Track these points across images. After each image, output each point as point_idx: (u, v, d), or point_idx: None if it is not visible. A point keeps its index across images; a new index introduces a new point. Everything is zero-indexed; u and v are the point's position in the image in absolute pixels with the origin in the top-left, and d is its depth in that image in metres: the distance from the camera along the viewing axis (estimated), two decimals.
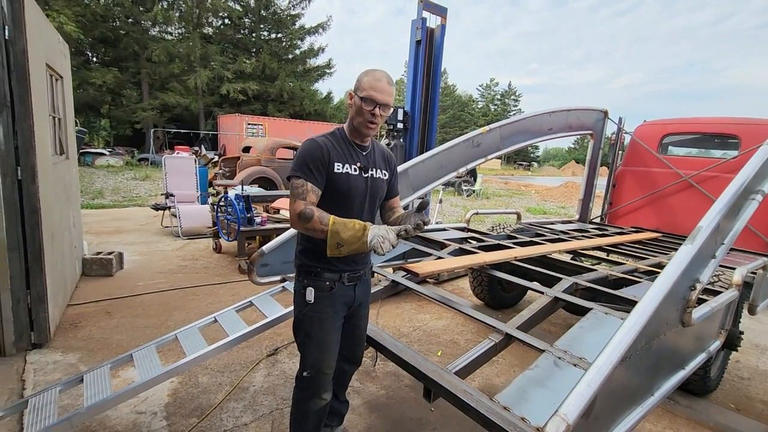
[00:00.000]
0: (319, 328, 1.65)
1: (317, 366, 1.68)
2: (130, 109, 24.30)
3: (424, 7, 4.36)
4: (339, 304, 1.68)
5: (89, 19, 21.25)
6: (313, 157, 1.53)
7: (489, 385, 2.82)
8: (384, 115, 1.58)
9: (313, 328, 1.66)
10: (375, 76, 1.54)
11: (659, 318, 1.48)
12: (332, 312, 1.66)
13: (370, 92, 1.52)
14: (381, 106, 1.54)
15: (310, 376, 1.69)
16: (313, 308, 1.63)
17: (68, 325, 3.32)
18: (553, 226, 4.63)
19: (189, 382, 2.63)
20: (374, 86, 1.52)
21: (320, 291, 1.63)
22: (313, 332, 1.66)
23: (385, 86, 1.53)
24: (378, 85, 1.52)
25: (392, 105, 1.60)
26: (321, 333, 1.66)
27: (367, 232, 1.46)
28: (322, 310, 1.64)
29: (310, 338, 1.67)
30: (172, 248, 5.91)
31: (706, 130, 4.76)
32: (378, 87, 1.52)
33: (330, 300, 1.65)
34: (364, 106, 1.53)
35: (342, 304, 1.69)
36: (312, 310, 1.64)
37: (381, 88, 1.52)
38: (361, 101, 1.53)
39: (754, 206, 2.09)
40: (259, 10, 28.12)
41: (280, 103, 28.76)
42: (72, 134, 4.31)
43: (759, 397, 2.90)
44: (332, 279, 1.63)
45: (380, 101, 1.52)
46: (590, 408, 1.16)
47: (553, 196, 18.31)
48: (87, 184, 12.07)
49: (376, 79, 1.53)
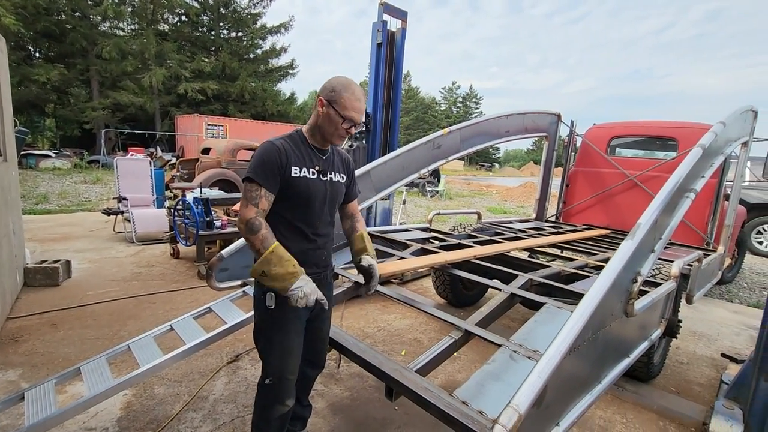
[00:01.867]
0: (281, 333, 1.63)
1: (280, 372, 1.65)
2: (79, 108, 22.90)
3: (384, 11, 4.40)
4: (301, 308, 1.63)
5: (30, 12, 19.79)
6: (269, 160, 1.50)
7: (451, 382, 2.88)
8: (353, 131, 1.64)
9: (275, 334, 1.63)
10: (355, 94, 1.55)
11: (604, 310, 1.58)
12: (294, 317, 1.63)
13: (350, 113, 1.55)
14: (355, 125, 1.60)
15: (272, 383, 1.65)
16: (273, 313, 1.60)
17: (8, 340, 3.09)
18: (511, 225, 4.80)
19: (144, 394, 2.52)
20: (355, 107, 1.55)
21: (281, 297, 1.58)
22: (274, 338, 1.63)
23: (362, 106, 1.59)
24: (358, 106, 1.56)
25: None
26: (283, 339, 1.63)
27: (294, 281, 1.46)
28: (283, 316, 1.61)
29: (272, 344, 1.64)
30: (125, 255, 5.62)
31: (648, 133, 5.10)
32: (358, 108, 1.56)
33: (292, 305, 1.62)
34: (343, 124, 1.56)
35: (304, 308, 1.65)
36: (273, 315, 1.60)
37: (360, 108, 1.57)
38: (341, 118, 1.55)
39: (688, 203, 2.26)
40: (218, 7, 27.31)
41: (242, 103, 28.04)
42: (11, 135, 4.01)
43: (696, 380, 3.13)
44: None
45: (358, 122, 1.58)
46: (541, 397, 1.22)
47: (512, 196, 18.94)
48: (30, 188, 11.26)
49: (356, 99, 1.55)
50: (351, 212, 1.88)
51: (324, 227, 1.69)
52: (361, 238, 1.85)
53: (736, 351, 3.62)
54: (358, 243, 1.85)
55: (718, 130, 2.59)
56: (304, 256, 1.60)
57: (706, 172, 2.59)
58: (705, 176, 2.55)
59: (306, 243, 1.63)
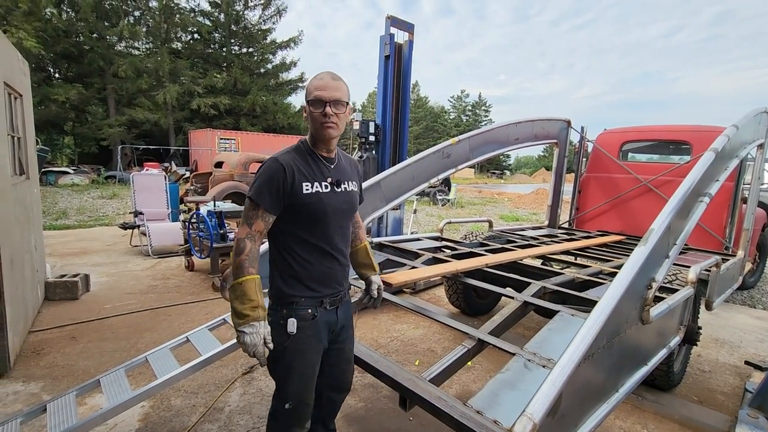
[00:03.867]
0: (302, 359, 1.53)
1: (300, 397, 1.56)
2: (96, 125, 23.57)
3: (391, 24, 4.48)
4: (323, 331, 1.57)
5: (51, 35, 20.60)
6: (272, 180, 1.42)
7: (466, 392, 2.85)
8: (339, 113, 1.45)
9: (295, 361, 1.52)
10: (317, 77, 1.48)
11: (618, 317, 1.57)
12: (315, 341, 1.55)
13: (315, 93, 1.43)
14: (331, 104, 1.42)
15: (292, 408, 1.56)
16: (294, 340, 1.49)
17: (30, 353, 3.16)
18: (523, 233, 4.77)
19: (161, 406, 2.55)
20: (318, 86, 1.44)
21: (303, 320, 1.49)
22: (295, 365, 1.53)
23: (328, 82, 1.44)
24: (321, 84, 1.44)
25: (346, 101, 1.47)
26: (303, 365, 1.54)
27: (243, 323, 1.34)
28: (305, 341, 1.52)
29: (292, 371, 1.53)
30: (141, 268, 5.73)
31: (661, 137, 5.05)
32: (321, 85, 1.43)
33: (313, 329, 1.53)
34: (313, 110, 1.44)
35: (325, 330, 1.58)
36: (294, 342, 1.49)
37: (324, 86, 1.43)
38: (310, 106, 1.45)
39: (703, 208, 2.23)
40: (230, 25, 28.00)
41: (253, 117, 28.55)
42: (33, 153, 4.16)
43: (720, 389, 3.04)
44: (314, 306, 1.52)
45: (327, 98, 1.42)
46: (556, 406, 1.22)
47: (525, 203, 18.79)
48: (50, 204, 11.57)
49: (319, 79, 1.46)
50: (355, 220, 1.79)
51: (342, 241, 1.61)
52: (366, 253, 1.83)
53: (760, 358, 3.51)
54: (364, 257, 1.83)
55: (730, 133, 2.56)
56: (327, 276, 1.55)
57: (720, 176, 2.55)
58: (720, 180, 2.52)
59: (327, 261, 1.55)
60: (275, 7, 29.12)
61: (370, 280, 1.83)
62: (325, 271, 1.55)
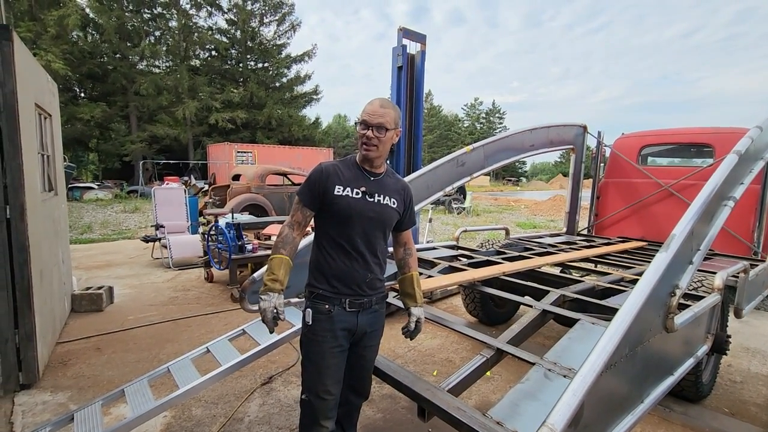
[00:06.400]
0: (317, 350, 1.66)
1: (314, 389, 1.66)
2: (119, 141, 24.35)
3: (403, 35, 4.53)
4: (339, 330, 1.65)
5: (77, 56, 21.49)
6: (312, 180, 1.68)
7: (486, 402, 2.81)
8: (380, 137, 1.61)
9: (312, 350, 1.67)
10: (370, 101, 1.66)
11: (641, 325, 1.53)
12: (330, 336, 1.64)
13: (363, 116, 1.63)
14: (374, 128, 1.60)
15: (308, 400, 1.68)
16: (311, 330, 1.66)
17: (57, 364, 3.26)
18: (541, 240, 4.71)
19: (182, 416, 2.59)
20: (366, 110, 1.63)
21: (319, 313, 1.65)
22: (310, 354, 1.67)
23: (375, 108, 1.62)
24: (368, 108, 1.63)
25: (390, 127, 1.63)
26: (318, 356, 1.65)
27: (264, 294, 1.59)
28: (319, 333, 1.65)
29: (308, 359, 1.68)
30: (163, 280, 5.85)
31: (682, 140, 4.94)
32: (368, 110, 1.62)
33: (328, 323, 1.64)
34: (358, 129, 1.66)
35: (342, 329, 1.66)
36: (310, 332, 1.66)
37: (370, 111, 1.62)
38: (358, 126, 1.66)
39: (727, 212, 2.17)
40: (246, 41, 28.71)
41: (269, 130, 29.04)
42: (60, 170, 4.33)
43: (752, 401, 2.92)
44: (331, 302, 1.64)
45: (370, 123, 1.60)
46: (578, 417, 1.19)
47: (542, 209, 18.53)
48: (76, 218, 11.96)
49: (370, 104, 1.65)
50: (404, 241, 1.89)
51: (366, 247, 1.68)
52: (410, 283, 1.87)
53: None
54: (408, 287, 1.87)
55: (754, 135, 2.49)
56: (346, 274, 1.65)
57: (745, 179, 2.48)
58: (744, 183, 2.44)
59: (347, 259, 1.66)
60: (289, 23, 29.75)
61: (410, 311, 1.88)
62: (345, 270, 1.66)
